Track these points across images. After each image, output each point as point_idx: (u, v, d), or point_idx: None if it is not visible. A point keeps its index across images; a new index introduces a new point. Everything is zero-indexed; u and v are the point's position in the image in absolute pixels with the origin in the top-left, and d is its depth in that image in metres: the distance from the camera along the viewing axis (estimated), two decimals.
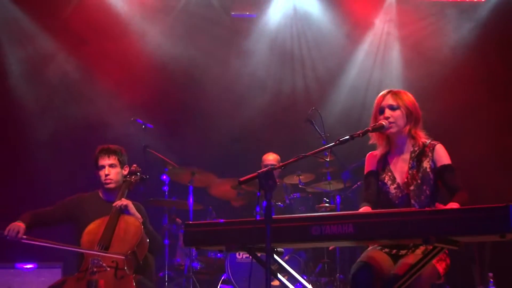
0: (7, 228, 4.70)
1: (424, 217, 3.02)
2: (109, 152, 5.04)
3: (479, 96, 8.42)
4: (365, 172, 4.09)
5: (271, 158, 7.79)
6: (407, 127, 3.93)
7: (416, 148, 3.93)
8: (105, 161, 5.02)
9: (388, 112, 3.90)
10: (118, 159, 5.06)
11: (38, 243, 4.69)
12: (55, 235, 4.80)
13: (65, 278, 4.68)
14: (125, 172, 5.11)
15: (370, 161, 4.08)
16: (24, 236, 4.71)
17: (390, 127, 3.88)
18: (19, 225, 4.73)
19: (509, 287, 6.55)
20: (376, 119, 3.95)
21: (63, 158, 8.04)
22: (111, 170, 5.02)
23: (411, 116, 3.93)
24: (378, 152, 4.06)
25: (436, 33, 8.94)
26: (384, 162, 4.00)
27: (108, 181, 5.01)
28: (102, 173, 5.03)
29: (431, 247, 3.19)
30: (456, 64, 8.72)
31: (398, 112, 3.90)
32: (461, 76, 8.61)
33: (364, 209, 3.86)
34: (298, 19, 9.14)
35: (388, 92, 3.99)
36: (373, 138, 4.02)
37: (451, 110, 8.31)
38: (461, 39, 8.84)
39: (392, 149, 4.01)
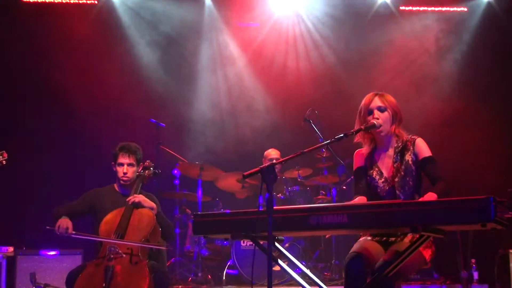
0: (57, 225, 4.68)
1: (411, 208, 3.02)
2: (129, 152, 5.01)
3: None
4: (354, 168, 4.06)
5: (273, 153, 7.76)
6: (393, 127, 3.91)
7: (399, 144, 3.92)
8: (125, 159, 5.00)
9: (377, 113, 3.87)
10: (136, 158, 5.04)
11: (86, 237, 4.65)
12: (76, 226, 4.80)
13: (85, 264, 4.69)
14: (140, 169, 5.11)
15: (357, 158, 4.05)
16: (73, 232, 4.68)
17: (381, 131, 3.87)
18: (67, 221, 4.71)
19: (489, 271, 6.54)
20: (364, 120, 3.92)
21: (80, 155, 8.06)
22: (129, 169, 5.00)
23: (396, 116, 3.91)
24: (364, 149, 4.04)
25: (421, 40, 8.93)
26: (371, 159, 3.99)
27: (125, 178, 5.01)
28: (120, 169, 5.01)
29: (418, 235, 3.19)
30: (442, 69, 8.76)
31: (386, 114, 3.88)
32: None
33: (359, 199, 3.85)
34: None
35: (375, 95, 3.95)
36: (358, 137, 3.98)
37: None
38: (446, 45, 8.84)
39: (378, 146, 3.99)
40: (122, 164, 5.00)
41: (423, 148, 3.86)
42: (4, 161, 4.98)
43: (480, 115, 8.34)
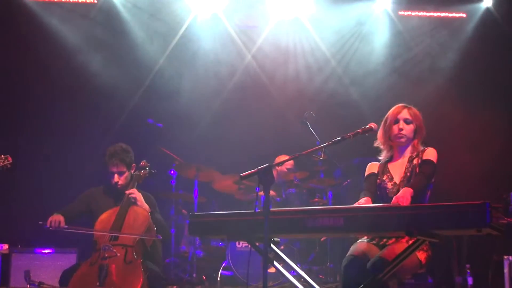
0: (49, 220, 4.79)
1: (407, 212, 3.04)
2: (118, 160, 5.03)
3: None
4: (366, 174, 4.19)
5: (283, 159, 7.64)
6: (415, 140, 4.09)
7: (413, 155, 4.07)
8: (115, 168, 5.03)
9: (402, 124, 4.07)
10: (126, 165, 5.07)
11: (78, 231, 4.72)
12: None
13: (79, 263, 4.69)
14: (132, 170, 5.14)
15: (370, 168, 4.21)
16: (66, 226, 4.77)
17: (400, 137, 4.06)
18: (59, 216, 4.82)
19: (484, 277, 6.54)
20: (390, 128, 4.09)
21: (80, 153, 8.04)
22: (120, 177, 5.05)
23: (419, 131, 4.11)
24: (380, 160, 4.19)
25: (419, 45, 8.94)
26: (384, 167, 4.13)
27: (119, 186, 5.06)
28: (112, 177, 5.05)
29: (413, 239, 3.20)
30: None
31: (411, 126, 4.09)
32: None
33: (366, 200, 3.89)
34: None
35: (405, 107, 4.15)
36: (379, 142, 4.17)
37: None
38: (443, 50, 8.84)
39: (395, 155, 4.14)
40: (113, 173, 5.03)
41: (430, 154, 4.01)
42: (9, 165, 4.99)
43: (478, 120, 8.34)
